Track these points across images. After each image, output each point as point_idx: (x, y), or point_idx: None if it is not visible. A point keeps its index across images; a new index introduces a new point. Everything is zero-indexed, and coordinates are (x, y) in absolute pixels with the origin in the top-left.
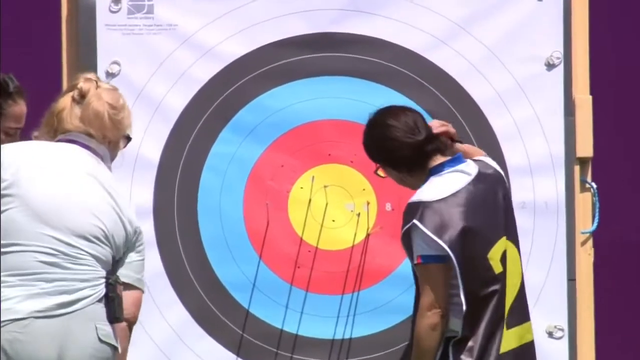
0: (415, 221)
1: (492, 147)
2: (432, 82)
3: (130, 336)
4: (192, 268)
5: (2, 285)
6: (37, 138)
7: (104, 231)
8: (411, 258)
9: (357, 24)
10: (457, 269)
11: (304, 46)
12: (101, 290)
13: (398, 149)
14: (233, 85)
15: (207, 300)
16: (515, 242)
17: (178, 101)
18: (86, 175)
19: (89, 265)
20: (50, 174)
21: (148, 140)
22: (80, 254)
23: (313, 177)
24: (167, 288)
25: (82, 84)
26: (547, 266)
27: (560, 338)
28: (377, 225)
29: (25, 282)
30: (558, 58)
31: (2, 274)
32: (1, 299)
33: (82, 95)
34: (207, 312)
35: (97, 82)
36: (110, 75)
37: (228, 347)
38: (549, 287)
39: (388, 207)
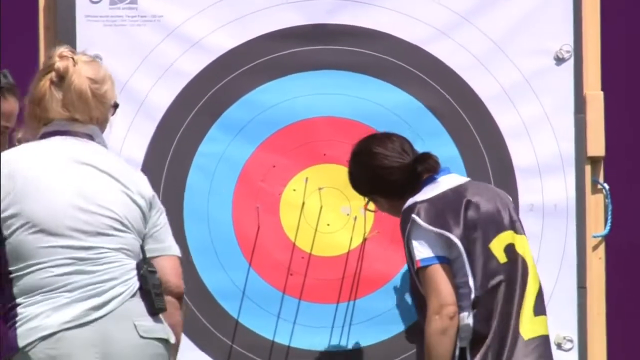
0: (412, 220)
1: (498, 146)
2: (433, 76)
3: (183, 307)
4: None
5: (23, 305)
6: (23, 138)
7: (118, 220)
8: (412, 265)
9: (354, 15)
10: (464, 254)
11: (297, 38)
12: (134, 284)
13: (388, 175)
14: (222, 80)
15: (194, 310)
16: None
17: (163, 97)
18: (81, 167)
19: (114, 262)
20: (45, 181)
21: (131, 139)
22: (101, 253)
23: (307, 178)
24: None
25: (59, 64)
26: (556, 272)
27: (569, 350)
28: (374, 229)
29: (48, 296)
30: (568, 52)
31: (22, 297)
32: (26, 318)
33: (61, 77)
34: (194, 322)
35: (73, 58)
36: None
37: (216, 359)
38: (557, 295)
39: None
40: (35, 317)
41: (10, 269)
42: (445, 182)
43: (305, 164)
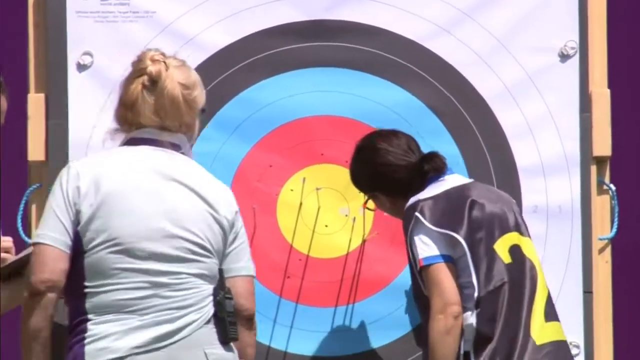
0: (415, 218)
1: (501, 145)
2: (434, 74)
3: (254, 331)
4: None
5: (94, 322)
6: (111, 137)
7: (201, 245)
8: (415, 264)
9: (353, 11)
10: (469, 254)
11: (294, 35)
12: (208, 311)
13: (393, 172)
14: (217, 78)
15: None
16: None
17: None
18: (169, 184)
19: (191, 288)
20: (132, 199)
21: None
22: (181, 277)
23: (304, 178)
24: None
25: (151, 67)
26: (561, 276)
27: (575, 356)
28: (373, 230)
29: (121, 317)
30: (573, 48)
31: (94, 313)
32: (96, 337)
33: (153, 81)
34: None
35: (165, 62)
36: (81, 67)
37: None
38: (562, 300)
39: None
40: (105, 338)
41: (86, 284)
42: (449, 181)
43: (302, 164)
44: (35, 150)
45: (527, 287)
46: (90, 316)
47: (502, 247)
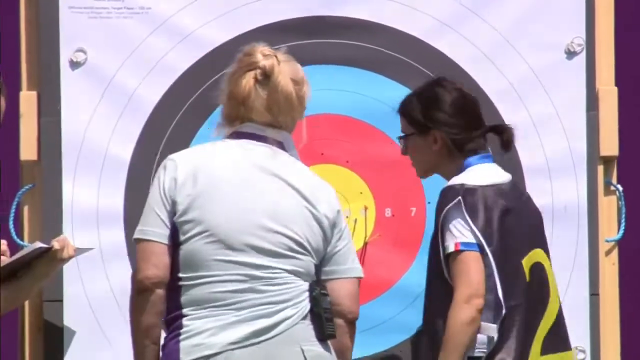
0: (456, 202)
1: None
2: (437, 71)
3: (353, 334)
4: None
5: (190, 317)
6: (217, 133)
7: (299, 242)
8: (441, 244)
9: (354, 7)
10: (494, 264)
11: (293, 31)
12: (305, 306)
13: (476, 119)
14: (214, 76)
15: None
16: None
17: (152, 93)
18: (270, 179)
19: (287, 283)
20: (228, 187)
21: (118, 138)
22: (276, 272)
23: None
24: None
25: (264, 62)
26: (567, 279)
27: None
28: (375, 232)
29: (216, 312)
30: (580, 45)
31: (189, 307)
32: (191, 332)
33: (266, 75)
34: None
35: (276, 57)
36: (74, 64)
37: None
38: (568, 303)
39: (388, 212)
40: (200, 333)
41: (181, 275)
42: (491, 173)
43: None
44: (28, 149)
45: (539, 313)
46: (185, 311)
47: (527, 263)
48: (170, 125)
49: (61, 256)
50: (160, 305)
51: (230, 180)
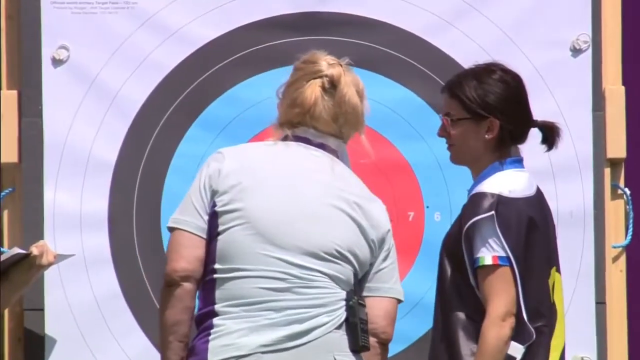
0: (490, 215)
1: None
2: (436, 70)
3: (384, 356)
4: (154, 289)
5: (222, 316)
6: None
7: (341, 247)
8: (467, 254)
9: (348, 2)
10: (519, 282)
11: (285, 28)
12: (340, 315)
13: (528, 116)
14: (203, 74)
15: None
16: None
17: (137, 92)
18: (316, 182)
19: (325, 288)
20: (275, 184)
21: (102, 138)
22: (314, 275)
23: None
24: (125, 312)
25: (330, 70)
26: (572, 286)
27: None
28: None
29: (250, 312)
30: (585, 42)
31: (223, 304)
32: (221, 332)
33: (333, 85)
34: None
35: (342, 65)
36: (57, 61)
37: None
38: (574, 311)
39: None
40: (231, 334)
41: (216, 267)
42: (524, 182)
43: None
44: (8, 151)
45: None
46: (218, 307)
47: (550, 282)
48: (157, 126)
49: (40, 262)
50: (188, 300)
51: (280, 178)
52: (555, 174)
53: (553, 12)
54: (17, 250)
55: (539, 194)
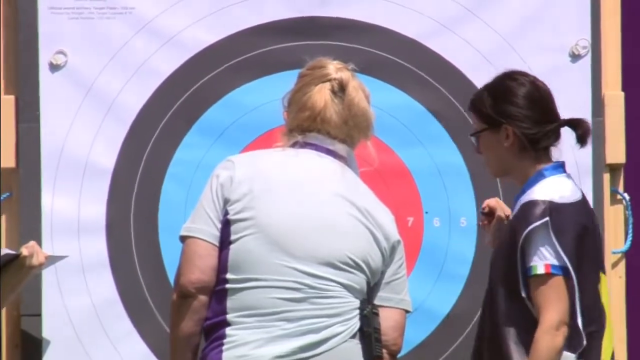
0: (544, 222)
1: None
2: (436, 76)
3: None
4: (152, 294)
5: (235, 326)
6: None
7: (355, 255)
8: (520, 263)
9: (348, 7)
10: (577, 289)
11: (284, 33)
12: (354, 324)
13: (553, 115)
14: (200, 80)
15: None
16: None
17: (135, 98)
18: (328, 189)
19: (339, 297)
20: (287, 192)
21: (100, 144)
22: (329, 285)
23: None
24: (122, 317)
25: (339, 74)
26: None
27: None
28: None
29: (265, 322)
30: (584, 47)
31: (235, 314)
32: (235, 343)
33: (342, 88)
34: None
35: (349, 70)
36: (54, 67)
37: None
38: None
39: None
40: (245, 344)
41: (228, 277)
42: (569, 187)
43: None
44: (5, 156)
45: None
46: (230, 317)
47: (601, 287)
48: (154, 132)
49: (30, 263)
50: (203, 312)
51: (292, 185)
52: None
53: (552, 18)
54: (5, 250)
55: (584, 198)
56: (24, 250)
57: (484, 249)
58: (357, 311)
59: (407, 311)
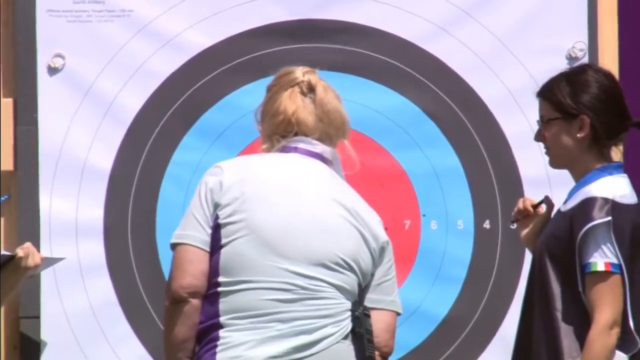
0: (606, 221)
1: (504, 155)
2: (432, 78)
3: None
4: (150, 297)
5: (228, 328)
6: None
7: (345, 256)
8: (578, 260)
9: (344, 10)
10: (628, 289)
11: (281, 35)
12: (346, 325)
13: (620, 100)
14: (198, 82)
15: None
16: None
17: (133, 100)
18: (317, 191)
19: (331, 299)
20: (277, 194)
21: (98, 147)
22: (321, 286)
23: None
24: (121, 321)
25: (307, 76)
26: None
27: None
28: None
29: (258, 324)
30: (582, 50)
31: (228, 316)
32: (229, 344)
33: (311, 89)
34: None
35: (315, 72)
36: (52, 70)
37: None
38: None
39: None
40: (239, 346)
41: (220, 280)
42: (629, 188)
43: None
44: (4, 159)
45: None
46: (223, 320)
47: None
48: (152, 133)
49: (26, 264)
50: (196, 316)
51: (282, 188)
52: (551, 182)
53: (549, 20)
54: (2, 252)
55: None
56: (20, 252)
57: (481, 252)
58: (349, 312)
59: (397, 313)
